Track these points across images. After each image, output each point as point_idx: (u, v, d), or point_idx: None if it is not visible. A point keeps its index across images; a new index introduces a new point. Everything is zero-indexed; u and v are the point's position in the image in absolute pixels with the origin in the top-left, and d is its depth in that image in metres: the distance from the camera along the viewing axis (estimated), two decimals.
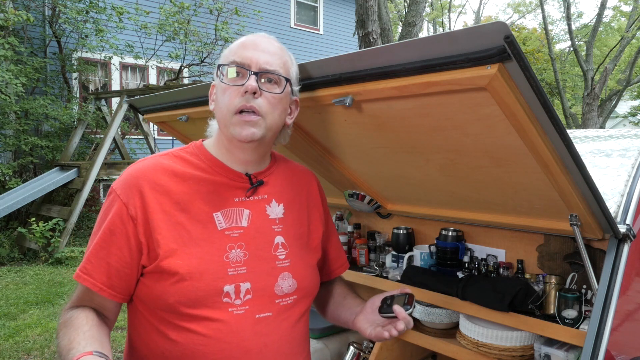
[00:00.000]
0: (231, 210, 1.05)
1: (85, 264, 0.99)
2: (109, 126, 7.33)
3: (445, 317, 1.80)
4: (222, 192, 1.06)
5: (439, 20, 22.49)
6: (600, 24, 15.36)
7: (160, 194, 1.01)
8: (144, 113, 1.92)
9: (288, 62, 1.08)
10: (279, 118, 1.07)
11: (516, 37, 1.68)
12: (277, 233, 1.09)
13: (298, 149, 1.63)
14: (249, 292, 1.01)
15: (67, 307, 1.03)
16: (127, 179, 1.02)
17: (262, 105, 1.01)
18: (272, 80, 1.03)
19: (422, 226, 2.11)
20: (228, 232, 1.03)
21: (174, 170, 1.04)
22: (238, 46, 1.05)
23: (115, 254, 0.98)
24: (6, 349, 3.68)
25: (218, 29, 9.22)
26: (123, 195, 1.00)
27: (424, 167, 1.45)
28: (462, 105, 1.04)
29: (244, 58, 1.02)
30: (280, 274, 1.06)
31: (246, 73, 1.01)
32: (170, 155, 1.09)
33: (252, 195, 1.09)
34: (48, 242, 6.19)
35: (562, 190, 1.22)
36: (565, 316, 1.42)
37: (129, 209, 0.99)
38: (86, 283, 0.98)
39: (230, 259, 1.01)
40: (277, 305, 1.05)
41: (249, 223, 1.06)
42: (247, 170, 1.10)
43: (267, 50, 1.04)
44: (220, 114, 1.05)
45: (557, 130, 1.00)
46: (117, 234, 0.98)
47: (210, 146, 1.11)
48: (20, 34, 7.64)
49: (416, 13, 7.85)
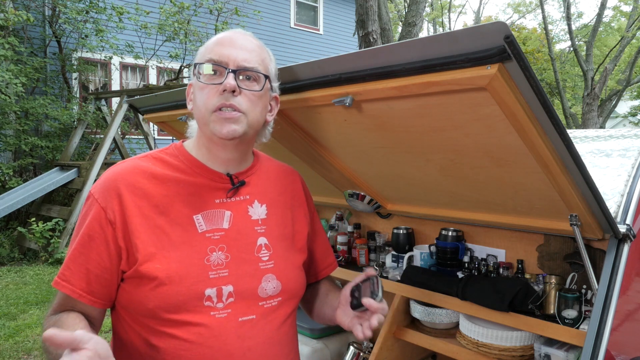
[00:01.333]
0: (212, 212, 1.03)
1: (63, 270, 0.97)
2: (109, 126, 7.33)
3: (445, 317, 1.80)
4: (202, 194, 1.04)
5: (439, 20, 22.48)
6: (600, 24, 15.35)
7: (139, 197, 0.99)
8: (144, 113, 1.92)
9: (266, 58, 1.06)
10: (260, 115, 1.05)
11: (516, 37, 1.68)
12: (259, 234, 1.07)
13: (298, 149, 1.63)
14: (231, 295, 0.99)
15: (48, 313, 1.01)
16: (105, 183, 1.00)
17: (242, 103, 1.00)
18: (250, 77, 1.02)
19: (422, 226, 2.11)
20: (209, 235, 1.01)
21: (153, 173, 1.02)
22: (214, 43, 1.03)
23: (94, 260, 0.96)
24: (6, 349, 3.68)
25: (218, 29, 9.22)
26: (101, 199, 0.98)
27: (424, 167, 1.45)
28: (462, 105, 1.04)
29: (221, 55, 1.00)
30: (263, 276, 1.04)
31: (224, 71, 0.99)
32: (149, 157, 1.06)
33: (233, 196, 1.07)
34: (48, 242, 6.19)
35: (562, 190, 1.22)
36: (565, 316, 1.42)
37: (107, 213, 0.97)
38: (65, 290, 0.96)
39: (212, 262, 0.99)
40: (261, 308, 1.03)
41: (231, 225, 1.04)
42: (228, 170, 1.08)
43: (244, 47, 1.02)
44: (198, 113, 1.03)
45: (557, 130, 1.00)
46: (96, 239, 0.96)
47: (191, 147, 1.09)
48: (20, 34, 7.64)
49: (416, 13, 7.85)
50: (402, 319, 1.89)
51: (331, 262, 1.32)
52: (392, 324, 1.85)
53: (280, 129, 1.50)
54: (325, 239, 1.32)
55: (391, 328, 1.85)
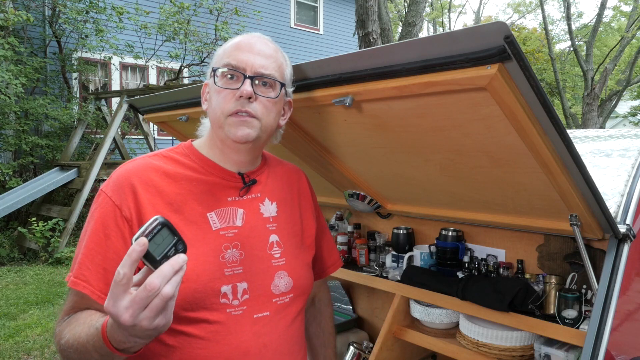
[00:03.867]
0: (225, 210, 1.04)
1: (81, 270, 0.94)
2: (109, 126, 7.33)
3: (445, 317, 1.80)
4: (215, 192, 1.05)
5: (439, 20, 22.48)
6: (600, 24, 15.35)
7: (153, 195, 0.98)
8: (144, 113, 1.93)
9: (283, 64, 1.07)
10: (274, 120, 1.06)
11: (516, 37, 1.68)
12: (271, 232, 1.09)
13: (298, 149, 1.63)
14: (246, 292, 1.00)
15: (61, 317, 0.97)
16: (119, 180, 0.99)
17: (257, 109, 1.01)
18: (267, 84, 1.02)
19: (422, 226, 2.11)
20: (223, 232, 1.02)
21: (165, 171, 1.03)
22: (233, 48, 1.03)
23: (112, 259, 0.94)
24: (6, 349, 3.68)
25: (218, 29, 9.22)
26: (115, 197, 0.97)
27: (424, 167, 1.45)
28: (462, 105, 1.04)
29: (239, 61, 1.00)
30: (276, 273, 1.06)
31: (241, 77, 1.00)
32: (160, 155, 1.07)
33: (245, 195, 1.08)
34: (48, 242, 6.19)
35: (562, 190, 1.22)
36: (565, 316, 1.42)
37: (122, 211, 0.96)
38: (85, 290, 0.93)
39: (226, 259, 1.00)
40: (275, 305, 1.04)
41: (244, 222, 1.05)
42: (240, 169, 1.09)
43: (262, 52, 1.02)
44: (213, 116, 1.03)
45: (557, 130, 1.00)
46: (112, 238, 0.95)
47: (201, 146, 1.09)
48: (20, 34, 7.64)
49: (416, 13, 7.85)
50: (402, 319, 1.89)
51: (336, 260, 1.34)
52: (392, 324, 1.85)
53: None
54: (330, 236, 1.34)
55: (391, 328, 1.85)
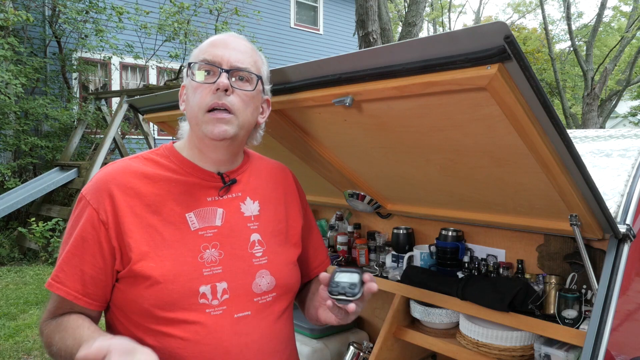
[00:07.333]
0: (204, 210, 1.05)
1: (57, 272, 0.98)
2: (109, 126, 7.32)
3: (445, 317, 1.80)
4: (194, 193, 1.05)
5: (439, 20, 22.48)
6: (600, 24, 15.35)
7: (131, 197, 0.99)
8: (144, 113, 1.93)
9: (259, 60, 1.08)
10: (251, 116, 1.06)
11: (516, 37, 1.68)
12: (252, 230, 1.08)
13: (298, 149, 1.63)
14: (225, 291, 1.00)
15: (44, 318, 1.01)
16: (97, 184, 1.01)
17: (234, 102, 1.01)
18: (243, 78, 1.04)
19: (422, 226, 2.11)
20: (202, 232, 1.02)
21: (144, 173, 1.03)
22: (208, 45, 1.05)
23: (88, 261, 0.97)
24: (6, 349, 3.68)
25: (218, 29, 9.22)
26: (93, 200, 0.98)
27: (424, 167, 1.45)
28: (462, 105, 1.04)
29: (214, 56, 1.02)
30: (257, 272, 1.05)
31: (217, 71, 1.01)
32: (140, 157, 1.08)
33: (225, 194, 1.08)
34: (48, 242, 6.18)
35: (562, 190, 1.22)
36: (565, 316, 1.42)
37: (99, 214, 0.97)
38: (60, 292, 0.97)
39: (205, 259, 1.00)
40: (256, 304, 1.04)
41: (223, 222, 1.05)
42: (219, 169, 1.09)
43: (237, 48, 1.04)
44: (191, 113, 1.04)
45: (557, 130, 1.00)
46: (89, 241, 0.97)
47: (182, 148, 1.10)
48: (20, 34, 7.63)
49: (416, 13, 7.85)
50: (402, 319, 1.89)
51: (323, 260, 1.31)
52: (392, 324, 1.85)
53: (280, 129, 1.50)
54: (317, 235, 1.32)
55: (391, 328, 1.85)
